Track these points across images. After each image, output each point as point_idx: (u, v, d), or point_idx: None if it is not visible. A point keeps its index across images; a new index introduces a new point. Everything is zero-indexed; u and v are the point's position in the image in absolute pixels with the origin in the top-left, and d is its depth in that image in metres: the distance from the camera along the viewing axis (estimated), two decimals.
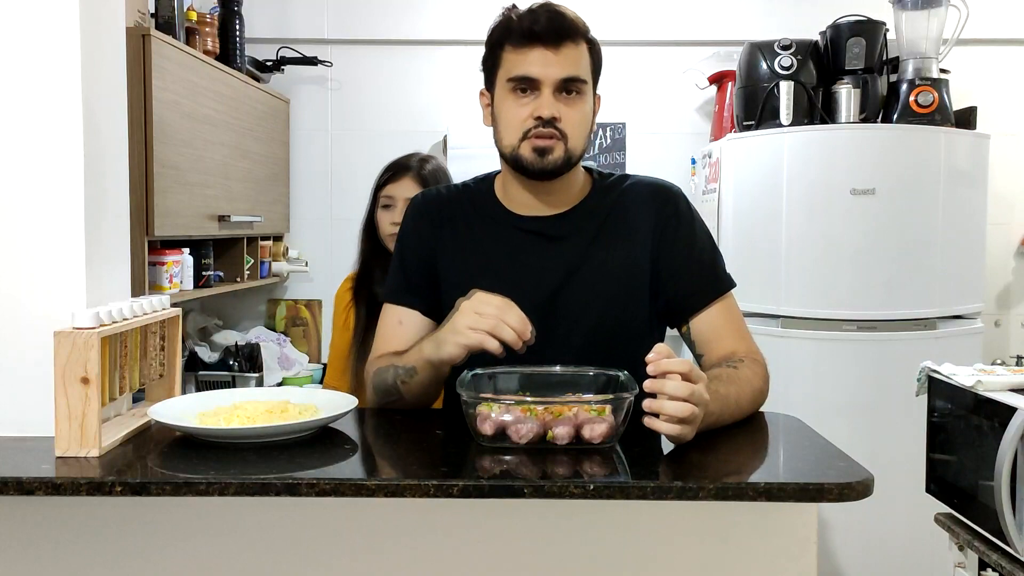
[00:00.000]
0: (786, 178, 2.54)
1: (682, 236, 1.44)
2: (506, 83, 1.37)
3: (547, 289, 1.41)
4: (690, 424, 1.10)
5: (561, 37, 1.34)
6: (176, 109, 2.19)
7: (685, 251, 1.43)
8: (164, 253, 2.21)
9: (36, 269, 1.23)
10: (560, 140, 1.35)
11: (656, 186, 1.48)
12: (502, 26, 1.38)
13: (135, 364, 1.25)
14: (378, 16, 3.17)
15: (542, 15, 1.34)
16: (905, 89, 2.69)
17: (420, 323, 1.44)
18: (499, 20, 1.40)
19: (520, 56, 1.35)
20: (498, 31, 1.39)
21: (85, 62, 1.23)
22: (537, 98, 1.35)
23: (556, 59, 1.34)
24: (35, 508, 1.11)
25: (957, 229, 2.55)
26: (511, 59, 1.37)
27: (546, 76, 1.34)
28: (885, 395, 2.46)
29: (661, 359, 1.10)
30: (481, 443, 1.13)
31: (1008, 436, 1.44)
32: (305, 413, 1.21)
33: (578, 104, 1.37)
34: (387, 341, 1.45)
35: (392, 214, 1.97)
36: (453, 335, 1.24)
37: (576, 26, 1.36)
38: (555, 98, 1.35)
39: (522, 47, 1.35)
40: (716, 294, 1.42)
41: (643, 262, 1.43)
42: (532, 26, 1.33)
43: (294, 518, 1.11)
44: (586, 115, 1.39)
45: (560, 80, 1.34)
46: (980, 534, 1.57)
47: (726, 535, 1.11)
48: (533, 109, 1.35)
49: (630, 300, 1.42)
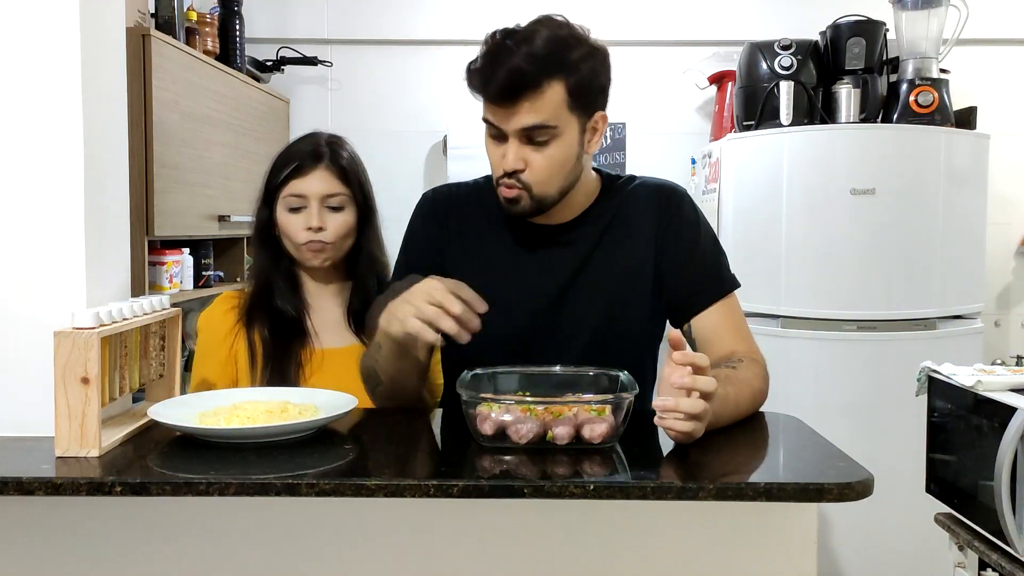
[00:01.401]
0: (786, 178, 2.54)
1: (685, 236, 1.44)
2: (483, 118, 1.35)
3: (552, 292, 1.41)
4: (701, 421, 1.11)
5: (517, 93, 1.27)
6: (176, 109, 2.19)
7: (688, 251, 1.44)
8: (164, 253, 2.21)
9: (36, 269, 1.23)
10: (523, 190, 1.34)
11: (660, 186, 1.49)
12: (474, 61, 1.32)
13: (135, 364, 1.25)
14: (378, 16, 3.17)
15: (499, 73, 1.27)
16: (905, 89, 2.69)
17: None
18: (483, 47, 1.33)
19: (485, 105, 1.32)
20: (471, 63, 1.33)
21: (85, 62, 1.23)
22: (504, 144, 1.33)
23: (513, 113, 1.29)
24: (35, 508, 1.11)
25: (957, 229, 2.55)
26: (481, 103, 1.34)
27: (508, 126, 1.31)
28: (885, 395, 2.46)
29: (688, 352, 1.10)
30: (481, 443, 1.13)
31: (1008, 436, 1.44)
32: (305, 413, 1.21)
33: (548, 149, 1.31)
34: None
35: (306, 217, 1.55)
36: (398, 320, 1.21)
37: (541, 71, 1.27)
38: (522, 146, 1.31)
39: (483, 97, 1.31)
40: (718, 294, 1.42)
41: (646, 263, 1.43)
42: (485, 85, 1.28)
43: (294, 518, 1.11)
44: (557, 159, 1.32)
45: (521, 130, 1.30)
46: (980, 534, 1.57)
47: (726, 535, 1.11)
48: (501, 157, 1.33)
49: (633, 301, 1.43)
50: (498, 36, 1.31)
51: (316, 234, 1.54)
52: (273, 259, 1.62)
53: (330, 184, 1.55)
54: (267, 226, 1.61)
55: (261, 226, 1.62)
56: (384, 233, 1.65)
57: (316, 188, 1.55)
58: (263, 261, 1.63)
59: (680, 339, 1.13)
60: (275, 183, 1.58)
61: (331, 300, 1.62)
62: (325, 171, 1.56)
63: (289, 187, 1.56)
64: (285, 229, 1.57)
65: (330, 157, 1.57)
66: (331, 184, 1.55)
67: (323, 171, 1.56)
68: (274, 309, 1.58)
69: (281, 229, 1.58)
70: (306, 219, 1.54)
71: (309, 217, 1.54)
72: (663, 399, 1.09)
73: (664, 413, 1.09)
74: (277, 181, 1.57)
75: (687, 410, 1.08)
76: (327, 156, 1.57)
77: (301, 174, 1.55)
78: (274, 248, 1.62)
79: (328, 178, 1.56)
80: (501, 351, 1.37)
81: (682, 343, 1.13)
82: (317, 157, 1.56)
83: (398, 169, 3.20)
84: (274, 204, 1.58)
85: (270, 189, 1.59)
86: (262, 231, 1.62)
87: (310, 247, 1.55)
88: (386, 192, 3.18)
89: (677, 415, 1.08)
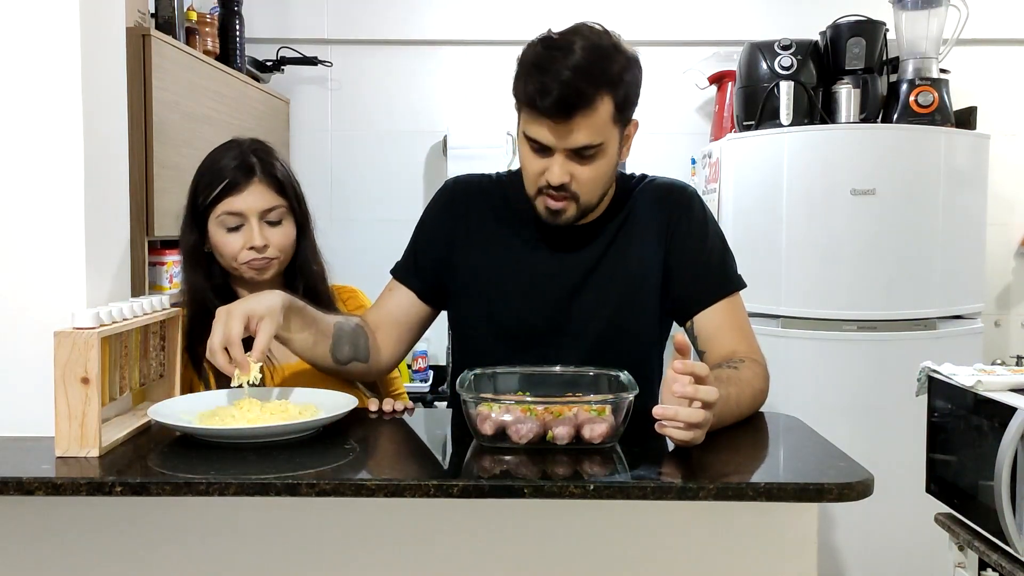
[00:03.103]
0: (786, 178, 2.54)
1: (692, 234, 1.45)
2: (523, 133, 1.33)
3: (564, 290, 1.43)
4: (702, 428, 1.11)
5: (571, 110, 1.26)
6: (176, 109, 2.19)
7: (694, 249, 1.45)
8: (164, 253, 2.21)
9: (36, 269, 1.23)
10: (572, 200, 1.35)
11: (670, 185, 1.50)
12: (519, 72, 1.30)
13: (135, 364, 1.25)
14: (378, 16, 3.17)
15: (553, 87, 1.24)
16: (905, 89, 2.69)
17: (408, 302, 1.49)
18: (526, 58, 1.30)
19: (533, 121, 1.30)
20: (517, 74, 1.30)
21: (85, 62, 1.23)
22: (549, 159, 1.32)
23: (566, 131, 1.28)
24: (35, 508, 1.11)
25: (957, 229, 2.55)
26: (526, 117, 1.32)
27: (557, 145, 1.30)
28: (885, 395, 2.46)
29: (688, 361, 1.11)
30: (481, 443, 1.13)
31: (1008, 436, 1.44)
32: (305, 413, 1.21)
33: (595, 163, 1.32)
34: (371, 310, 1.52)
35: (245, 236, 1.46)
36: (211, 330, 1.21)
37: (592, 87, 1.26)
38: (568, 160, 1.31)
39: (533, 114, 1.29)
40: (722, 293, 1.43)
41: (655, 262, 1.44)
42: (540, 100, 1.25)
43: (294, 518, 1.11)
44: (602, 171, 1.34)
45: (570, 149, 1.30)
46: (980, 534, 1.57)
47: (726, 535, 1.11)
48: (545, 170, 1.33)
49: (642, 300, 1.44)
50: (545, 48, 1.29)
51: (260, 252, 1.47)
52: (207, 277, 1.53)
53: (267, 198, 1.47)
54: (198, 245, 1.52)
55: (191, 248, 1.52)
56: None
57: (254, 204, 1.46)
58: (197, 284, 1.52)
59: (685, 345, 1.13)
60: (205, 201, 1.47)
61: None
62: (260, 185, 1.47)
63: (223, 205, 1.46)
64: (222, 249, 1.48)
65: (262, 169, 1.48)
66: (268, 198, 1.47)
67: (258, 185, 1.47)
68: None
69: (217, 249, 1.50)
70: (246, 238, 1.46)
71: (250, 235, 1.46)
72: (663, 408, 1.09)
73: (664, 421, 1.09)
74: (208, 199, 1.47)
75: (687, 419, 1.08)
76: (259, 168, 1.48)
77: (235, 191, 1.46)
78: (207, 266, 1.53)
79: (264, 192, 1.47)
80: (510, 346, 1.39)
81: (687, 349, 1.13)
82: (248, 170, 1.47)
83: (398, 169, 3.20)
84: (205, 223, 1.49)
85: (199, 209, 1.49)
86: (193, 252, 1.52)
87: (252, 265, 1.48)
88: (386, 192, 3.23)
89: (677, 424, 1.09)
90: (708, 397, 1.09)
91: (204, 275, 1.53)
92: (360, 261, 2.05)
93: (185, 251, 1.53)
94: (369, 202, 3.19)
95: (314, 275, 1.59)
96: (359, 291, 1.72)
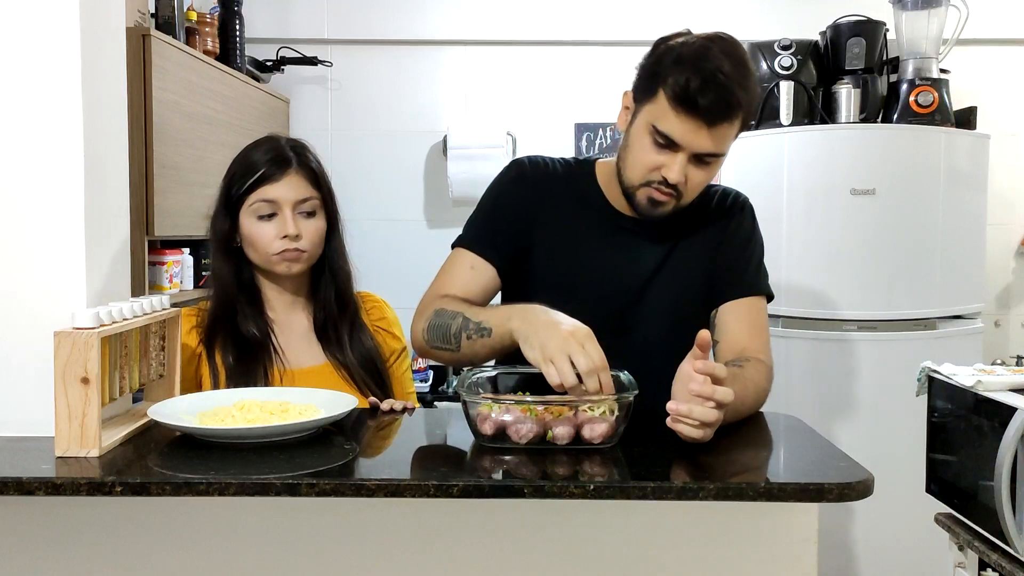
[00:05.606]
0: (786, 178, 2.54)
1: (740, 235, 1.51)
2: (649, 124, 1.33)
3: (636, 282, 1.46)
4: (712, 427, 1.12)
5: (721, 117, 1.29)
6: (176, 109, 2.19)
7: (737, 248, 1.50)
8: (164, 253, 2.21)
9: (36, 269, 1.23)
10: (675, 198, 1.37)
11: (729, 193, 1.56)
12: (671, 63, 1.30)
13: (135, 364, 1.25)
14: (378, 16, 3.17)
15: (711, 89, 1.26)
16: (905, 89, 2.69)
17: (489, 277, 1.45)
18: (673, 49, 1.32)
19: (673, 116, 1.30)
20: (667, 65, 1.31)
21: (85, 62, 1.23)
22: (672, 156, 1.33)
23: (706, 136, 1.30)
24: (35, 508, 1.11)
25: (957, 229, 2.55)
26: (663, 110, 1.31)
27: (689, 145, 1.31)
28: (885, 395, 2.46)
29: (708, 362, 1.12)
30: (481, 443, 1.13)
31: (1008, 436, 1.44)
32: (305, 413, 1.21)
33: (708, 170, 1.36)
34: (453, 282, 1.44)
35: (279, 225, 1.46)
36: (540, 348, 1.15)
37: (740, 103, 1.29)
38: (688, 162, 1.33)
39: (679, 110, 1.29)
40: (750, 292, 1.47)
41: (708, 263, 1.48)
42: (697, 98, 1.27)
43: (294, 518, 1.11)
44: (711, 177, 1.39)
45: (698, 153, 1.32)
46: (980, 534, 1.57)
47: (726, 535, 1.11)
48: (664, 166, 1.33)
49: (700, 298, 1.48)
50: (703, 47, 1.31)
51: (292, 242, 1.46)
52: (235, 272, 1.51)
53: (302, 189, 1.47)
54: (228, 237, 1.50)
55: (222, 237, 1.50)
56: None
57: (289, 193, 1.46)
58: (225, 275, 1.51)
59: (707, 342, 1.14)
60: (240, 190, 1.47)
61: (296, 314, 1.55)
62: (295, 175, 1.47)
63: (258, 193, 1.46)
64: (254, 239, 1.47)
65: (298, 161, 1.48)
66: (303, 189, 1.47)
67: (294, 175, 1.47)
68: (238, 332, 1.48)
69: (248, 239, 1.48)
70: (280, 227, 1.45)
71: (283, 224, 1.45)
72: (678, 403, 1.10)
73: (677, 416, 1.10)
74: (242, 188, 1.46)
75: (700, 418, 1.09)
76: (295, 160, 1.48)
77: (271, 180, 1.46)
78: (236, 260, 1.52)
79: (300, 183, 1.47)
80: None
81: (708, 346, 1.14)
82: (285, 162, 1.47)
83: (398, 169, 3.20)
84: (237, 213, 1.48)
85: (233, 197, 1.48)
86: (223, 242, 1.51)
87: (284, 256, 1.47)
88: (386, 192, 3.23)
89: (690, 421, 1.10)
90: (724, 399, 1.11)
91: (233, 268, 1.52)
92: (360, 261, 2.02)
93: (215, 241, 1.52)
94: (369, 202, 3.18)
95: (346, 277, 1.57)
96: (384, 302, 1.66)
